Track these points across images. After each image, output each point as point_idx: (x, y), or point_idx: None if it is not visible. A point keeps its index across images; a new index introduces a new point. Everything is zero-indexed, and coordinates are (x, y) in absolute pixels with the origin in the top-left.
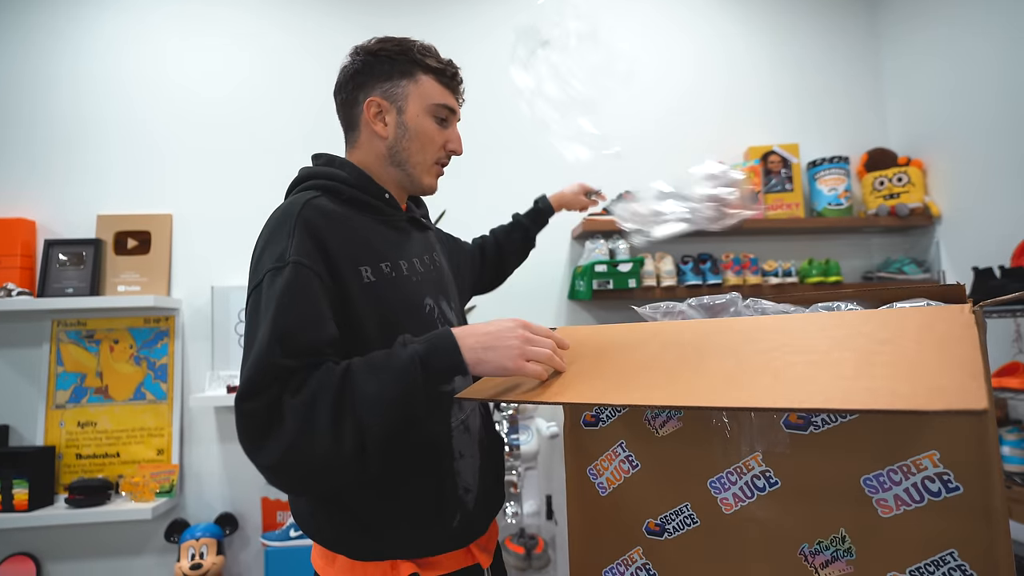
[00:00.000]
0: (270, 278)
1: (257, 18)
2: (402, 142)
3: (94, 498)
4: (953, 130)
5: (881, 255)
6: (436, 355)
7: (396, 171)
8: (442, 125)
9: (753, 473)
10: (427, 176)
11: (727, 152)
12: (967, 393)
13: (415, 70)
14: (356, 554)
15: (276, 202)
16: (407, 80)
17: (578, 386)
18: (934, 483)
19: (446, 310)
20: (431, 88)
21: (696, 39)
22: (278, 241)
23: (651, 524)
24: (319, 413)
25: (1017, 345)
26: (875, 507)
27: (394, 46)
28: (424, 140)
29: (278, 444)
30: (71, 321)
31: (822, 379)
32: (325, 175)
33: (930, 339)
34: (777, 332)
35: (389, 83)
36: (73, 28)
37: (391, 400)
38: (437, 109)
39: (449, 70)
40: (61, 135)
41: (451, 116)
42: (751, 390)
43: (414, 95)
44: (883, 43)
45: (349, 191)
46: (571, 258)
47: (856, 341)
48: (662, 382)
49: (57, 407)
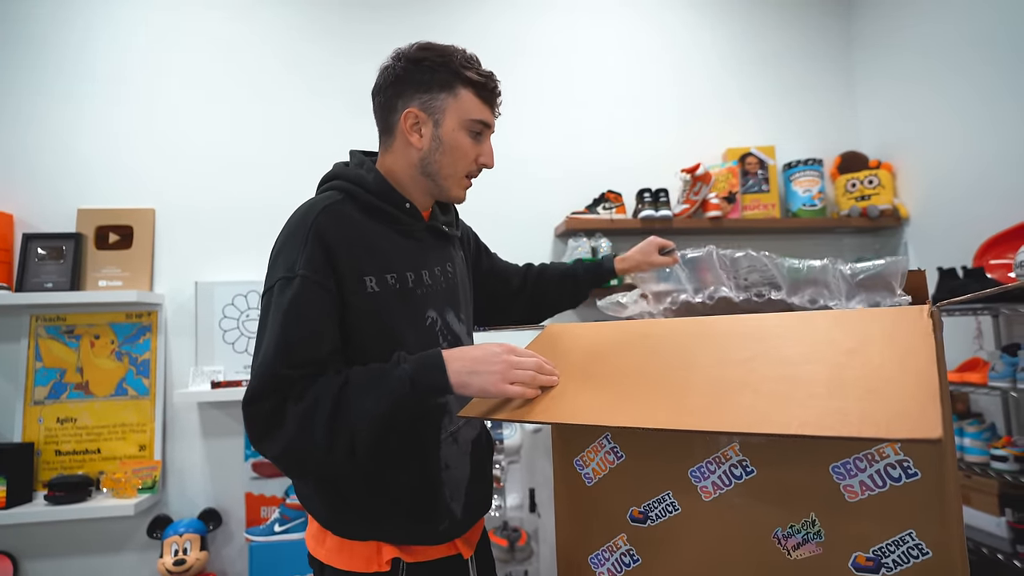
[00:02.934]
0: (280, 288)
1: (244, 12)
2: (435, 154)
3: (74, 495)
4: (922, 135)
5: (852, 255)
6: (424, 375)
7: (426, 181)
8: (476, 139)
9: (731, 462)
10: (456, 188)
11: (706, 153)
12: (925, 421)
13: (455, 83)
14: (345, 533)
15: (262, 197)
16: (446, 93)
17: (565, 404)
18: (895, 469)
19: (451, 321)
20: (469, 103)
21: (675, 44)
22: (292, 247)
23: (635, 512)
24: (316, 421)
25: (978, 342)
26: (842, 492)
27: (436, 56)
28: (457, 154)
29: (279, 443)
30: (50, 316)
31: (797, 397)
32: (351, 178)
33: (892, 352)
34: (755, 340)
35: (428, 95)
36: (54, 17)
37: (381, 413)
38: (473, 124)
39: (490, 84)
40: (40, 126)
41: (486, 130)
42: (734, 412)
43: (452, 109)
44: (857, 49)
45: (367, 198)
46: (554, 255)
47: (826, 352)
48: (648, 400)
49: (36, 403)
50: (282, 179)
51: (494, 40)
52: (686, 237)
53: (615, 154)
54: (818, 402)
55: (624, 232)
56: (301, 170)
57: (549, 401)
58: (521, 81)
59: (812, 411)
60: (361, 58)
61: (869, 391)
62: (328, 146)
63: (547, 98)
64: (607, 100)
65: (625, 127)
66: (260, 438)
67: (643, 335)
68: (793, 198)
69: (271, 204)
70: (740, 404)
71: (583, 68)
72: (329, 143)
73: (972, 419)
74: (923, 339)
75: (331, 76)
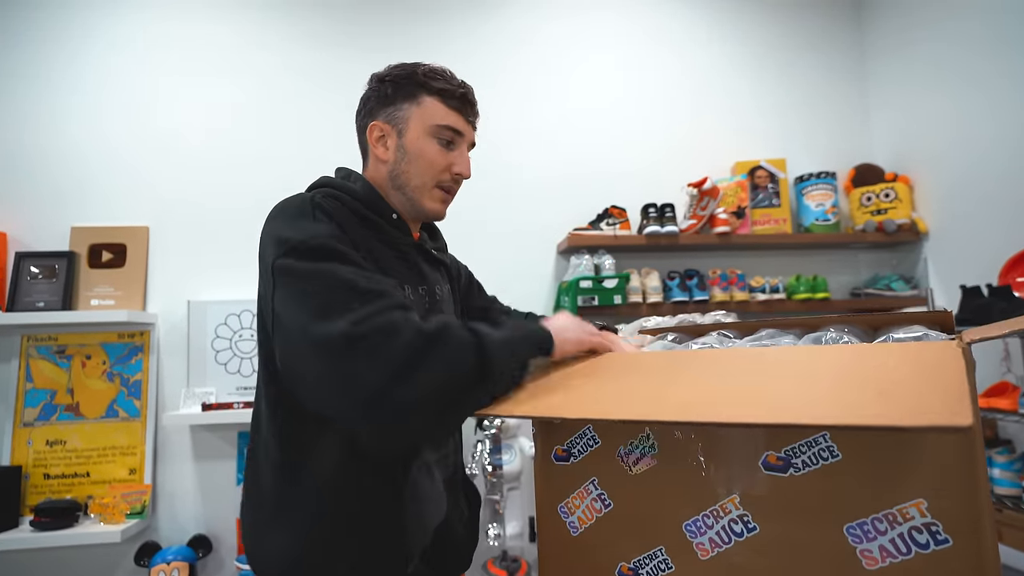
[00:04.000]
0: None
1: (238, 34)
2: (401, 164)
3: (61, 520)
4: (940, 146)
5: (869, 271)
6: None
7: (398, 195)
8: (447, 147)
9: (730, 517)
10: (427, 200)
11: (715, 167)
12: (952, 411)
13: (419, 92)
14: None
15: (256, 216)
16: (409, 103)
17: (543, 401)
18: (922, 534)
19: None
20: (434, 109)
21: (682, 54)
22: (300, 223)
23: (624, 568)
24: (462, 343)
25: (1006, 364)
26: (859, 558)
27: (400, 70)
28: (423, 163)
29: (439, 364)
30: (42, 336)
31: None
32: (338, 185)
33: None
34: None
35: (392, 107)
36: (47, 33)
37: (517, 359)
38: (440, 130)
39: (457, 91)
40: (34, 144)
41: (457, 138)
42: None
43: (415, 116)
44: (870, 58)
45: (354, 204)
46: (556, 273)
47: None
48: (635, 397)
49: (25, 425)
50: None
51: (496, 51)
52: (693, 253)
53: (619, 168)
54: (829, 395)
55: (628, 249)
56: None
57: (528, 396)
58: (522, 92)
59: (824, 404)
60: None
61: (882, 392)
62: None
63: (548, 110)
64: (611, 112)
65: (630, 140)
66: (400, 371)
67: (633, 360)
68: (805, 212)
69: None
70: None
71: (586, 79)
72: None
73: (1001, 447)
74: (954, 360)
75: (331, 97)
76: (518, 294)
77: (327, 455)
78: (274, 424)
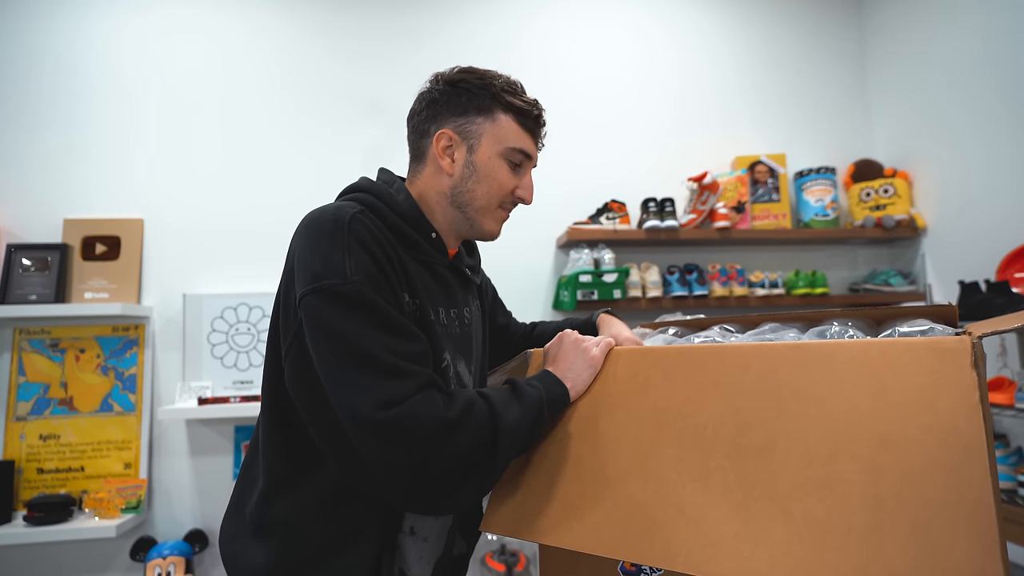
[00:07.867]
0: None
1: (240, 23)
2: (467, 183)
3: (55, 515)
4: (939, 141)
5: (867, 266)
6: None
7: (455, 213)
8: (515, 171)
9: None
10: (489, 221)
11: (713, 162)
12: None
13: (494, 107)
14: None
15: (252, 208)
16: (484, 117)
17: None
18: None
19: (462, 372)
20: (509, 129)
21: (683, 47)
22: (335, 254)
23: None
24: (482, 417)
25: (1002, 359)
26: None
27: (476, 79)
28: (492, 185)
29: (465, 434)
30: (34, 329)
31: (835, 531)
32: (380, 194)
33: (934, 441)
34: (776, 415)
35: (464, 118)
36: (41, 27)
37: (527, 430)
38: (512, 153)
39: (534, 111)
40: (26, 134)
41: (526, 162)
42: (768, 554)
43: (489, 134)
44: (870, 54)
45: (394, 219)
46: (556, 267)
47: (857, 446)
48: (665, 528)
49: (18, 419)
50: (273, 190)
51: (493, 43)
52: (693, 248)
53: (619, 162)
54: (858, 543)
55: (628, 243)
56: (292, 181)
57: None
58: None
59: (853, 559)
60: (358, 72)
61: (914, 527)
62: (320, 158)
63: (548, 103)
64: (611, 106)
65: (630, 134)
66: (422, 467)
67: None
68: (805, 208)
69: (261, 215)
70: (773, 539)
71: (586, 72)
72: (321, 155)
73: (997, 441)
74: (973, 425)
75: (325, 90)
76: (518, 288)
77: (316, 491)
78: (269, 450)
